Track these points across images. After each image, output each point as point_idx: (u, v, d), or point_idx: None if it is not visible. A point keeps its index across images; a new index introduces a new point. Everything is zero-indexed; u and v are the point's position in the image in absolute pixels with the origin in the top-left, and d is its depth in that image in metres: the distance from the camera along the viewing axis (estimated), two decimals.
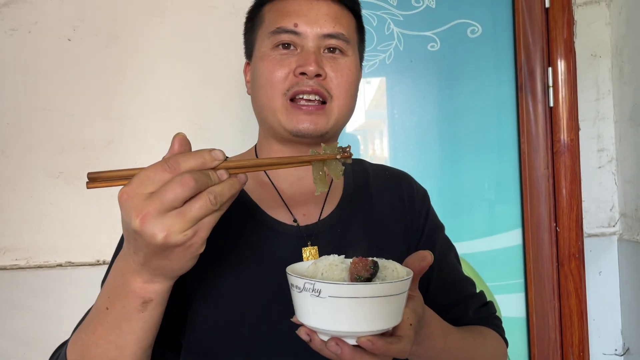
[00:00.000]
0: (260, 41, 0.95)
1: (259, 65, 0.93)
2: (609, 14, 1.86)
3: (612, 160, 1.88)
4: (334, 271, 0.68)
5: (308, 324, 0.65)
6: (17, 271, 1.82)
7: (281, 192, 0.97)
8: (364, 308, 0.62)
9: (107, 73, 1.83)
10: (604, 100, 1.87)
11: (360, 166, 1.08)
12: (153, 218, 0.58)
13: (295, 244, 0.92)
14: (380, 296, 0.62)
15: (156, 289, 0.67)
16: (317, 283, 0.62)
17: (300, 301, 0.65)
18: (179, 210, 0.59)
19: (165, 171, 0.59)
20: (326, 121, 0.91)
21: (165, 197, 0.58)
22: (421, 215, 1.06)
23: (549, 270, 1.86)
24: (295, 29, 0.90)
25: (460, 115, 1.89)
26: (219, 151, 0.63)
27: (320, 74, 0.89)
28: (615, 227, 1.89)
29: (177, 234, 0.59)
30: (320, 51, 0.92)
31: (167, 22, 1.84)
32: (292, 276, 0.65)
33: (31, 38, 1.82)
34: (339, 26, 0.92)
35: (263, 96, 0.92)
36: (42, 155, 1.82)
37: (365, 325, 0.62)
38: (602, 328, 1.89)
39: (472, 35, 1.88)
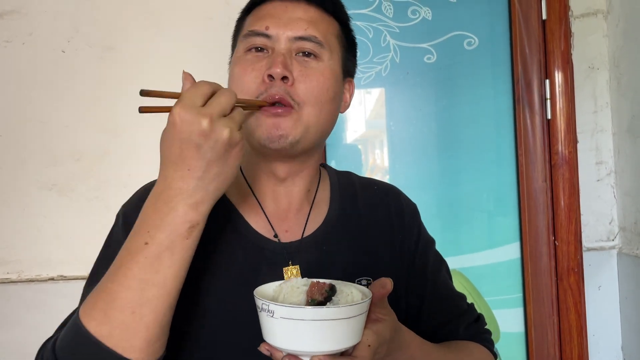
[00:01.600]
0: (237, 46, 0.95)
1: (233, 70, 0.92)
2: (606, 26, 1.88)
3: (610, 173, 1.89)
4: (293, 293, 0.74)
5: (266, 340, 0.72)
6: (9, 285, 1.82)
7: (263, 207, 0.95)
8: (312, 330, 0.68)
9: (101, 84, 1.84)
10: (602, 113, 1.89)
11: (347, 179, 1.06)
12: (218, 119, 0.69)
13: (277, 262, 0.90)
14: (326, 319, 0.68)
15: (203, 211, 0.72)
16: (270, 305, 0.68)
17: (260, 319, 0.72)
18: (230, 115, 0.71)
19: (210, 87, 0.71)
20: (294, 126, 0.87)
21: (223, 103, 0.70)
22: (412, 231, 1.04)
23: (547, 285, 1.87)
24: (266, 32, 0.89)
25: (457, 127, 1.90)
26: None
27: (286, 76, 0.86)
28: (614, 240, 1.89)
29: (236, 133, 0.70)
30: (292, 54, 0.89)
31: (162, 34, 1.85)
32: (255, 296, 0.72)
33: (25, 49, 1.83)
34: (312, 29, 0.90)
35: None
36: (36, 167, 1.83)
37: (316, 345, 0.69)
38: (602, 343, 1.88)
39: (469, 47, 1.90)
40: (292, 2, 0.91)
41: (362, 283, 0.93)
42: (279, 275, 0.89)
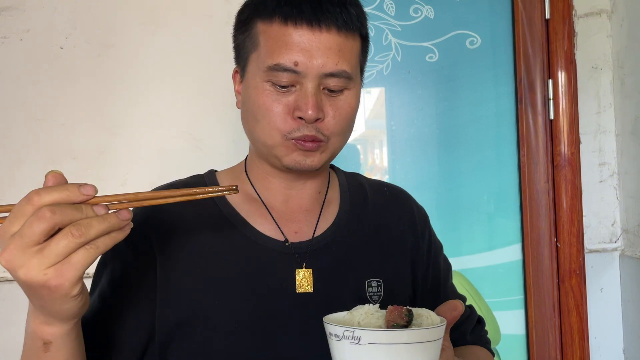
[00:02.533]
0: (254, 68, 0.88)
1: (252, 96, 0.87)
2: (610, 25, 1.86)
3: (613, 175, 1.88)
4: (370, 319, 0.71)
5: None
6: (4, 284, 1.81)
7: (271, 209, 0.95)
8: (402, 354, 0.65)
9: (99, 82, 1.83)
10: (605, 113, 1.88)
11: (356, 181, 1.06)
12: (14, 254, 0.57)
13: (288, 265, 0.89)
14: (417, 342, 0.65)
15: (53, 332, 0.67)
16: (356, 330, 0.65)
17: (339, 349, 0.67)
18: (39, 247, 0.57)
19: (27, 205, 0.58)
20: (321, 158, 0.88)
21: (23, 233, 0.57)
22: (424, 238, 1.04)
23: (549, 287, 1.86)
24: (295, 68, 0.83)
25: (459, 127, 1.89)
26: (90, 186, 0.60)
27: (319, 117, 0.85)
28: (617, 242, 1.88)
29: (37, 272, 0.57)
30: (320, 89, 0.85)
31: (161, 31, 1.84)
32: (331, 325, 0.68)
33: (23, 46, 1.82)
34: (342, 62, 0.85)
35: (259, 131, 0.88)
36: (32, 166, 1.82)
37: None
38: (604, 346, 1.87)
39: (471, 47, 1.89)
40: (321, 28, 0.83)
41: (373, 284, 0.93)
42: (291, 278, 0.89)
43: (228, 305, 0.87)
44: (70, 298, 0.61)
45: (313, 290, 0.89)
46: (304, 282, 0.89)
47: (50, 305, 0.62)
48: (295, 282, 0.89)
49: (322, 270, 0.90)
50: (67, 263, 0.58)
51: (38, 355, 0.68)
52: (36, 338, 0.67)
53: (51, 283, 0.58)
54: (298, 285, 0.89)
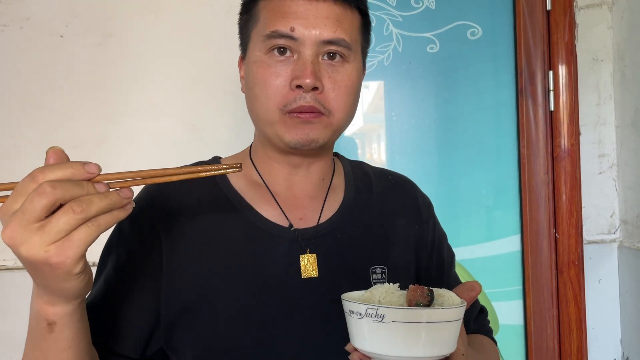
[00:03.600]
0: (255, 42, 0.88)
1: (253, 71, 0.87)
2: (611, 17, 1.85)
3: (613, 166, 1.88)
4: (391, 298, 0.70)
5: (366, 349, 0.67)
6: (4, 272, 1.80)
7: (275, 195, 0.94)
8: (425, 333, 0.64)
9: (99, 71, 1.82)
10: (605, 105, 1.87)
11: (360, 169, 1.05)
12: (16, 231, 0.56)
13: (292, 250, 0.89)
14: (441, 321, 0.64)
15: (57, 312, 0.66)
16: (380, 308, 0.64)
17: (359, 327, 0.67)
18: (41, 224, 0.56)
19: (31, 182, 0.57)
20: (323, 132, 0.87)
21: (24, 210, 0.56)
22: (428, 226, 1.04)
23: (547, 278, 1.86)
24: (291, 34, 0.83)
25: (460, 118, 1.88)
26: (93, 165, 0.59)
27: (317, 86, 0.84)
28: (615, 234, 1.88)
29: (39, 249, 0.57)
30: (319, 58, 0.85)
31: (161, 20, 1.83)
32: (353, 302, 0.67)
33: (23, 34, 1.81)
34: (340, 30, 0.85)
35: (259, 107, 0.87)
36: (32, 155, 1.80)
37: (426, 351, 0.65)
38: (601, 337, 1.87)
39: (472, 37, 1.88)
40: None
41: (377, 271, 0.93)
42: (296, 263, 0.89)
43: (233, 290, 0.86)
44: (73, 276, 0.60)
45: (318, 274, 0.89)
46: (308, 267, 0.89)
47: (53, 284, 0.61)
48: (300, 268, 0.88)
49: (327, 256, 0.90)
50: (69, 240, 0.57)
51: (43, 336, 0.68)
52: (40, 319, 0.66)
53: (52, 260, 0.57)
54: (303, 270, 0.88)
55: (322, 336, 0.86)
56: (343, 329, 0.73)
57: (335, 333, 0.82)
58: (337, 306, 0.73)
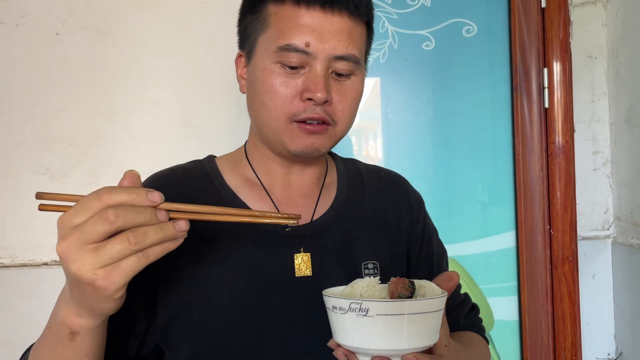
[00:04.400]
0: (264, 49, 0.86)
1: (261, 78, 0.86)
2: (605, 15, 1.85)
3: (607, 163, 1.88)
4: (373, 292, 0.70)
5: (350, 344, 0.66)
6: (2, 269, 1.79)
7: (270, 193, 0.95)
8: (410, 324, 0.64)
9: (96, 68, 1.81)
10: (600, 102, 1.87)
11: (353, 166, 1.06)
12: (71, 247, 0.58)
13: (287, 249, 0.89)
14: (424, 312, 0.64)
15: (82, 324, 0.67)
16: (364, 302, 0.63)
17: (343, 322, 0.66)
18: (96, 247, 0.58)
19: (96, 201, 0.59)
20: (327, 142, 0.88)
21: (84, 230, 0.58)
22: (419, 221, 1.04)
23: (542, 273, 1.86)
24: (306, 49, 0.82)
25: (455, 115, 1.88)
26: (157, 193, 0.60)
27: (327, 100, 0.84)
28: (609, 230, 1.88)
29: (88, 270, 0.59)
30: (329, 72, 0.85)
31: (158, 18, 1.81)
32: (335, 298, 0.66)
33: (19, 32, 1.79)
34: (351, 46, 0.85)
35: (266, 115, 0.87)
36: (29, 152, 1.79)
37: (411, 342, 0.64)
38: (595, 332, 1.88)
39: (468, 35, 1.87)
40: (333, 11, 0.83)
41: (369, 267, 0.94)
42: (290, 262, 0.89)
43: (228, 288, 0.86)
44: (112, 299, 0.62)
45: (312, 273, 0.89)
46: (302, 266, 0.89)
47: (90, 302, 0.63)
48: (294, 266, 0.89)
49: (320, 254, 0.90)
50: (117, 267, 0.59)
51: (63, 343, 0.69)
52: (64, 327, 0.67)
53: (98, 283, 0.59)
54: (297, 269, 0.89)
55: (316, 333, 0.85)
56: None
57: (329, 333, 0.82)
58: None
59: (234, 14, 1.09)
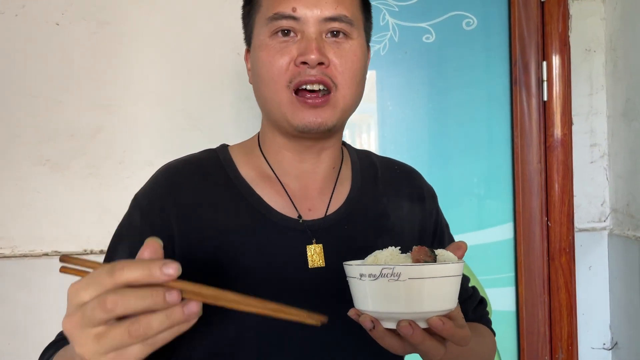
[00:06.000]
0: (259, 28, 0.87)
1: (259, 55, 0.86)
2: (604, 9, 1.83)
3: (604, 156, 1.86)
4: (397, 259, 0.71)
5: (380, 309, 0.67)
6: (2, 260, 1.75)
7: (285, 186, 0.92)
8: (438, 287, 0.66)
9: (95, 59, 1.77)
10: (598, 95, 1.85)
11: (367, 158, 1.03)
12: (75, 328, 0.55)
13: (300, 241, 0.87)
14: (450, 276, 0.67)
15: None
16: (396, 267, 0.65)
17: (371, 289, 0.67)
18: (98, 332, 0.54)
19: (108, 277, 0.54)
20: (332, 114, 0.85)
21: (85, 314, 0.54)
22: (432, 215, 1.03)
23: (539, 265, 1.84)
24: (293, 14, 0.82)
25: (454, 107, 1.86)
26: (173, 266, 0.54)
27: (323, 61, 0.82)
28: (605, 222, 1.87)
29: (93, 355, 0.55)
30: (322, 36, 0.84)
31: (157, 8, 1.77)
32: (366, 266, 0.67)
33: (18, 22, 1.75)
34: (341, 7, 0.83)
35: (265, 89, 0.86)
36: (28, 143, 1.76)
37: (436, 305, 0.66)
38: (591, 322, 1.87)
39: (468, 28, 1.84)
40: None
41: None
42: (303, 254, 0.87)
43: (244, 281, 0.85)
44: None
45: (325, 265, 0.87)
46: (315, 257, 0.87)
47: None
48: (307, 258, 0.87)
49: (333, 246, 0.89)
50: (121, 355, 0.55)
51: None
52: None
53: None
54: (310, 260, 0.87)
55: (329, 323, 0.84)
56: (349, 318, 0.71)
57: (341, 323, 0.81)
58: (344, 295, 0.73)
59: (234, 5, 1.06)
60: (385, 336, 0.68)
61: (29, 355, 1.76)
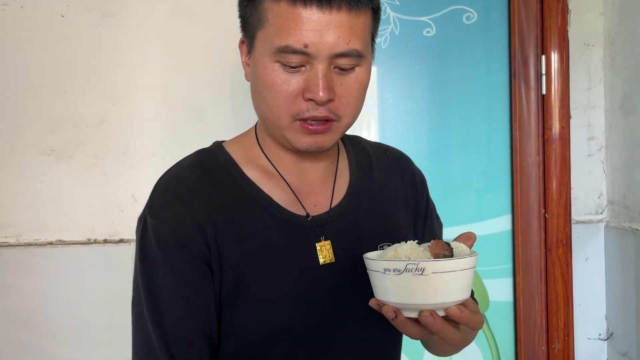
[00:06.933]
0: (262, 46, 0.81)
1: (261, 76, 0.81)
2: (602, 4, 1.84)
3: (601, 149, 1.86)
4: (418, 253, 0.74)
5: (404, 301, 0.71)
6: (7, 249, 1.75)
7: (289, 183, 0.91)
8: (458, 280, 0.71)
9: (100, 51, 1.76)
10: (595, 89, 1.85)
11: (359, 146, 1.03)
12: None
13: (309, 238, 0.88)
14: (467, 269, 0.71)
15: None
16: (420, 262, 0.69)
17: (396, 283, 0.71)
18: None
19: None
20: (332, 138, 0.85)
21: None
22: (423, 198, 1.04)
23: (537, 256, 1.85)
24: (305, 50, 0.77)
25: (454, 100, 1.86)
26: None
27: (330, 98, 0.80)
28: (602, 214, 1.87)
29: None
30: (331, 68, 0.79)
31: (161, 1, 1.77)
32: (392, 261, 0.71)
33: (24, 13, 1.74)
34: (353, 40, 0.78)
35: (267, 111, 0.83)
36: (33, 133, 1.75)
37: (454, 295, 0.71)
38: (587, 313, 1.88)
39: (468, 22, 1.84)
40: (331, 7, 0.76)
41: (385, 248, 0.91)
42: (312, 251, 0.87)
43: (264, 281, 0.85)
44: None
45: (335, 260, 0.88)
46: (325, 253, 0.88)
47: None
48: (318, 255, 0.87)
49: (340, 240, 0.89)
50: None
51: None
52: None
53: None
54: (321, 257, 0.87)
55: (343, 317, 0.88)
56: (362, 311, 0.75)
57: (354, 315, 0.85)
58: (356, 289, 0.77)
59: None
60: (407, 324, 0.72)
61: (33, 343, 1.76)
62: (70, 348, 1.74)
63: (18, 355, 1.76)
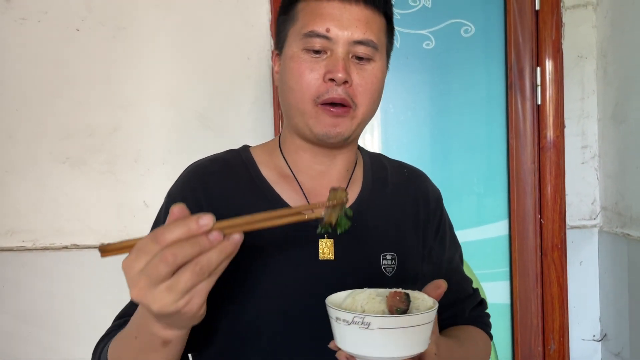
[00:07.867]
0: (292, 39, 0.92)
1: (289, 66, 0.91)
2: (595, 17, 1.88)
3: (594, 157, 1.90)
4: (373, 304, 0.73)
5: (350, 351, 0.70)
6: (24, 252, 1.80)
7: (301, 184, 0.96)
8: (407, 336, 0.68)
9: (113, 62, 1.81)
10: (589, 100, 1.89)
11: (378, 161, 1.07)
12: (145, 292, 0.60)
13: (312, 235, 0.91)
14: (420, 324, 0.68)
15: (174, 334, 0.70)
16: (366, 317, 0.67)
17: (345, 332, 0.69)
18: (168, 284, 0.59)
19: (153, 243, 0.59)
20: (350, 125, 0.91)
21: (152, 274, 0.59)
22: (435, 216, 1.05)
23: (532, 260, 1.88)
24: (327, 34, 0.88)
25: (453, 110, 1.91)
26: (207, 217, 0.60)
27: (347, 80, 0.88)
28: (596, 219, 1.90)
29: (170, 305, 0.60)
30: (349, 56, 0.89)
31: (171, 14, 1.82)
32: (340, 311, 0.69)
33: (41, 27, 1.79)
34: (369, 32, 0.89)
35: (292, 98, 0.91)
36: (50, 141, 1.80)
37: (405, 350, 0.68)
38: (582, 315, 1.91)
39: (466, 35, 1.88)
40: (350, 2, 0.89)
41: (387, 258, 0.95)
42: (315, 246, 0.91)
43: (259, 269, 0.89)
44: (198, 317, 0.65)
45: (334, 258, 0.91)
46: (326, 250, 0.91)
47: (179, 323, 0.67)
48: (319, 251, 0.91)
49: (343, 241, 0.92)
50: (194, 293, 0.61)
51: (155, 349, 0.72)
52: (155, 337, 0.70)
53: (184, 311, 0.62)
54: (321, 252, 0.91)
55: None
56: None
57: None
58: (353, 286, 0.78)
59: (245, 11, 1.09)
60: None
61: (48, 343, 1.80)
62: (84, 348, 1.78)
63: (38, 355, 1.80)
